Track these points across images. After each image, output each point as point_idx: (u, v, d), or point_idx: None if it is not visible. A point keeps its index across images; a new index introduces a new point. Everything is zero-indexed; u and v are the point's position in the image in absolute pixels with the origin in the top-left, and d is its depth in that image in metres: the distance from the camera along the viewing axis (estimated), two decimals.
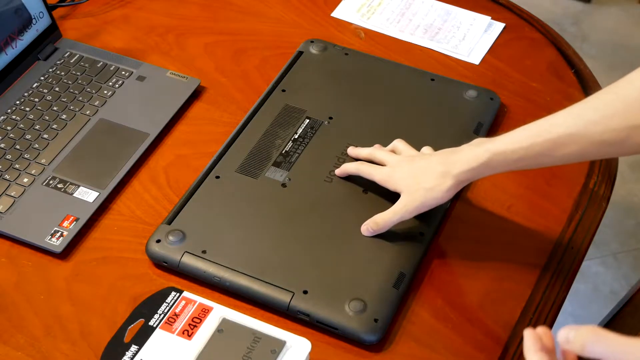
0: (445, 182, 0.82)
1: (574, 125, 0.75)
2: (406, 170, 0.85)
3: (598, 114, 0.74)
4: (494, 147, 0.80)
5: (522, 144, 0.78)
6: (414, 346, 0.80)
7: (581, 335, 0.55)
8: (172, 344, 0.74)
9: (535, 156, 0.78)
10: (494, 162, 0.80)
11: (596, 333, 0.55)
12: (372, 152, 0.91)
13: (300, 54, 1.07)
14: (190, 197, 0.90)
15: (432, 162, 0.84)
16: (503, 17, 1.16)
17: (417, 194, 0.83)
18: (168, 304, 0.77)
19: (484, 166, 0.80)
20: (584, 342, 0.55)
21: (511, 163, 0.79)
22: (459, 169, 0.81)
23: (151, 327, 0.75)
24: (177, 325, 0.75)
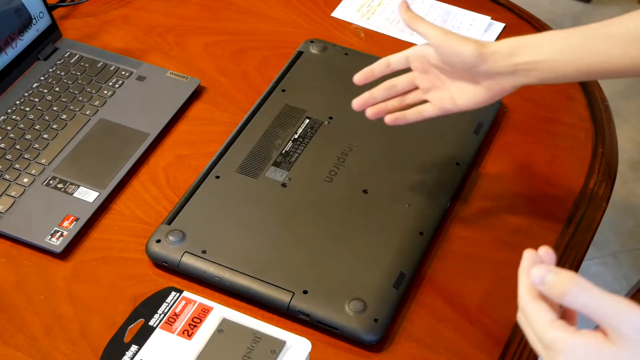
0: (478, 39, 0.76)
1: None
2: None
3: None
4: (547, 32, 0.74)
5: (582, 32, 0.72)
6: (414, 346, 0.80)
7: (562, 281, 0.51)
8: (172, 344, 0.74)
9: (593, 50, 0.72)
10: (546, 42, 0.73)
11: (579, 284, 0.51)
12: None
13: (300, 54, 1.07)
14: (190, 197, 0.90)
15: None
16: (503, 17, 1.16)
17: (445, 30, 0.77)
18: (168, 304, 0.77)
19: (530, 43, 0.74)
20: (565, 291, 0.51)
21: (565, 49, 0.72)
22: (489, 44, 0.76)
23: (151, 327, 0.75)
24: (177, 325, 0.75)
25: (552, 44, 0.73)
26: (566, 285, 0.51)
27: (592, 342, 0.51)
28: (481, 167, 0.96)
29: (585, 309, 0.51)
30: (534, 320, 0.53)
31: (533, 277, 0.53)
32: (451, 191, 0.91)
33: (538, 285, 0.53)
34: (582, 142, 1.00)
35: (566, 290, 0.51)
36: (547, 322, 0.52)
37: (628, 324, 0.49)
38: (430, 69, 0.81)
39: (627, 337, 0.49)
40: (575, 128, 1.01)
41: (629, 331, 0.49)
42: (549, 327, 0.52)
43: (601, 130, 1.01)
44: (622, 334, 0.50)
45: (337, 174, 0.92)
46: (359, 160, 0.94)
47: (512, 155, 0.98)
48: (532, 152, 0.98)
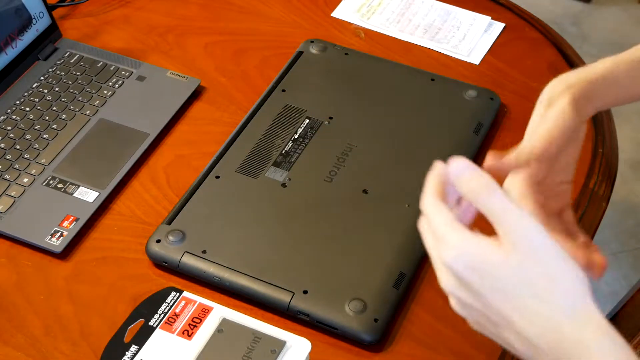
0: (561, 100, 0.68)
1: None
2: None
3: None
4: (609, 58, 0.69)
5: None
6: (414, 346, 0.80)
7: (480, 181, 0.51)
8: (172, 344, 0.74)
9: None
10: (616, 72, 0.69)
11: (492, 188, 0.51)
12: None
13: (300, 54, 1.07)
14: (190, 197, 0.90)
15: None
16: (503, 17, 1.16)
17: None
18: (168, 304, 0.77)
19: (604, 78, 0.68)
20: (478, 191, 0.51)
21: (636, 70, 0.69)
22: (570, 79, 0.68)
23: (151, 327, 0.75)
24: (177, 325, 0.75)
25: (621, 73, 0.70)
26: (481, 186, 0.51)
27: (484, 246, 0.50)
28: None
29: (488, 213, 0.51)
30: (433, 217, 0.53)
31: (454, 167, 0.52)
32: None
33: (454, 176, 0.52)
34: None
35: (479, 191, 0.51)
36: (446, 220, 0.52)
37: (523, 234, 0.49)
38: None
39: (518, 246, 0.49)
40: None
41: (521, 241, 0.49)
42: (446, 224, 0.52)
43: (601, 130, 1.01)
44: (514, 243, 0.50)
45: (337, 174, 0.92)
46: (359, 160, 0.94)
47: None
48: None
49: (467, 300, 0.53)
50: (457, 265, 0.51)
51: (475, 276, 0.51)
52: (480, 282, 0.51)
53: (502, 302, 0.51)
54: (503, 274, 0.50)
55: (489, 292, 0.51)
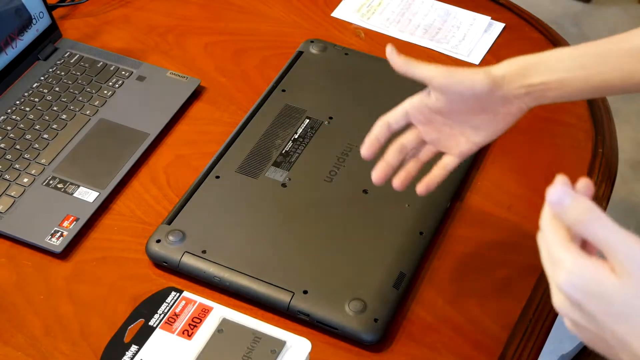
0: (485, 68, 0.74)
1: None
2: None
3: None
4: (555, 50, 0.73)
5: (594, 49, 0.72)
6: (414, 346, 0.80)
7: (579, 208, 0.50)
8: (172, 344, 0.74)
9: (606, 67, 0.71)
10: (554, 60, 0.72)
11: (596, 213, 0.50)
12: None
13: (300, 54, 1.07)
14: (190, 197, 0.90)
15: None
16: (503, 17, 1.16)
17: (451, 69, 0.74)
18: (168, 304, 0.77)
19: (539, 62, 0.72)
20: (581, 219, 0.50)
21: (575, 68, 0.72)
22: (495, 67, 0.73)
23: (151, 327, 0.75)
24: (177, 325, 0.75)
25: (562, 62, 0.72)
26: (582, 213, 0.50)
27: (598, 270, 0.50)
28: (481, 167, 0.96)
29: (596, 240, 0.50)
30: (548, 237, 0.53)
31: (551, 196, 0.51)
32: (451, 191, 0.91)
33: (554, 204, 0.52)
34: (582, 142, 1.00)
35: (581, 218, 0.50)
36: (559, 240, 0.52)
37: (635, 260, 0.49)
38: (433, 118, 0.76)
39: (631, 273, 0.49)
40: (575, 128, 1.01)
41: (634, 267, 0.49)
42: (559, 245, 0.52)
43: (601, 130, 1.01)
44: (627, 269, 0.49)
45: (337, 174, 0.92)
46: (359, 160, 0.93)
47: (512, 155, 0.98)
48: (532, 152, 0.98)
49: (581, 322, 0.52)
50: (571, 289, 0.51)
51: (590, 300, 0.50)
52: (594, 306, 0.50)
53: (619, 326, 0.50)
54: (619, 299, 0.49)
55: (604, 316, 0.50)
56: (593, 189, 0.55)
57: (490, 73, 0.73)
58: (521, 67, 0.73)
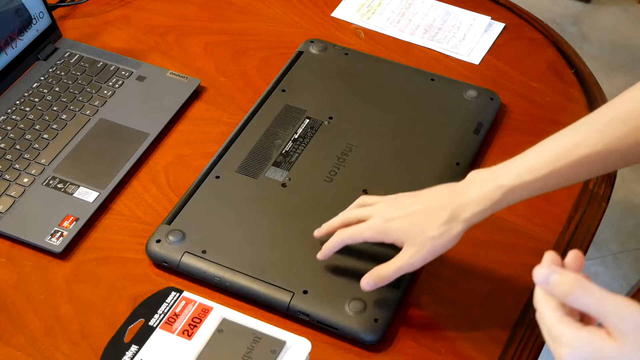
0: (455, 228, 0.74)
1: (601, 144, 0.69)
2: (402, 219, 0.76)
3: (627, 127, 0.69)
4: (507, 182, 0.72)
5: (541, 172, 0.71)
6: (414, 346, 0.80)
7: (565, 283, 0.54)
8: (172, 344, 0.74)
9: (557, 182, 0.72)
10: (510, 197, 0.73)
11: (582, 285, 0.53)
12: (344, 216, 0.81)
13: (300, 54, 1.07)
14: (190, 197, 0.90)
15: (432, 207, 0.75)
16: (503, 17, 1.16)
17: (423, 244, 0.75)
18: (168, 304, 0.77)
19: (498, 204, 0.73)
20: (568, 292, 0.53)
21: (530, 194, 0.73)
22: (469, 212, 0.74)
23: (151, 327, 0.75)
24: (177, 325, 0.75)
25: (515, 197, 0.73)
26: (569, 287, 0.54)
27: (596, 338, 0.52)
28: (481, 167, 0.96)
29: (588, 309, 0.53)
30: (544, 315, 0.56)
31: (537, 275, 0.55)
32: None
33: (542, 284, 0.55)
34: None
35: (569, 291, 0.53)
36: (556, 318, 0.55)
37: (628, 322, 0.51)
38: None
39: (628, 334, 0.51)
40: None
41: (629, 328, 0.51)
42: (557, 322, 0.54)
43: None
44: (622, 331, 0.52)
45: (337, 174, 0.92)
46: (359, 160, 0.94)
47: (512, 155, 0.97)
48: None
49: None
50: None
51: None
52: None
53: None
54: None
55: None
56: (583, 258, 0.57)
57: (456, 240, 0.75)
58: (480, 218, 0.74)
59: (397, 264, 0.76)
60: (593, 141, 0.70)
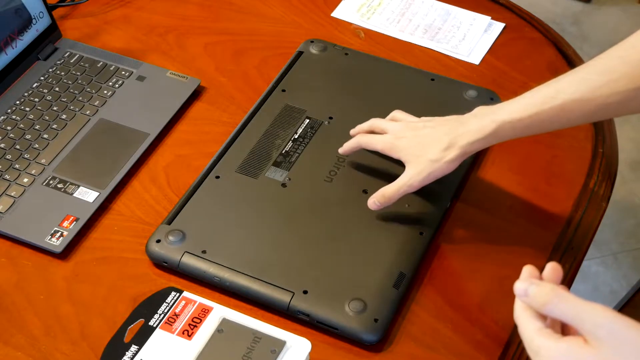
0: (451, 153, 0.82)
1: (580, 91, 0.76)
2: (410, 139, 0.85)
3: (604, 78, 0.75)
4: (500, 117, 0.80)
5: (528, 112, 0.78)
6: (414, 346, 0.80)
7: (543, 293, 0.56)
8: (172, 344, 0.74)
9: (541, 123, 0.78)
10: (501, 131, 0.80)
11: (558, 294, 0.55)
12: (372, 122, 0.91)
13: (300, 54, 1.07)
14: (190, 197, 0.90)
15: (438, 132, 0.84)
16: (503, 17, 1.16)
17: (423, 166, 0.83)
18: (168, 304, 0.77)
19: (491, 136, 0.81)
20: (546, 302, 0.55)
21: (518, 131, 0.80)
22: (466, 140, 0.82)
23: (151, 327, 0.75)
24: (177, 325, 0.75)
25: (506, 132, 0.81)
26: (546, 296, 0.55)
27: (574, 347, 0.54)
28: (481, 167, 0.96)
29: (565, 317, 0.55)
30: (523, 329, 0.57)
31: (517, 289, 0.58)
32: (451, 191, 0.91)
33: (522, 297, 0.57)
34: (582, 142, 1.00)
35: (546, 301, 0.55)
36: (534, 331, 0.56)
37: (603, 328, 0.53)
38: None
39: (603, 340, 0.53)
40: (575, 128, 1.01)
41: (604, 334, 0.53)
42: (535, 335, 0.56)
43: (601, 130, 1.01)
44: (598, 337, 0.53)
45: (337, 174, 0.92)
46: (359, 160, 0.94)
47: (512, 155, 0.98)
48: (532, 152, 0.98)
49: None
50: None
51: None
52: None
53: None
54: None
55: None
56: (561, 270, 0.59)
57: (454, 164, 0.83)
58: (477, 147, 0.83)
59: (398, 184, 0.85)
60: (572, 89, 0.76)
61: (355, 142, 0.90)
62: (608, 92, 0.75)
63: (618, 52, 0.76)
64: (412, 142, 0.85)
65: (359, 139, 0.90)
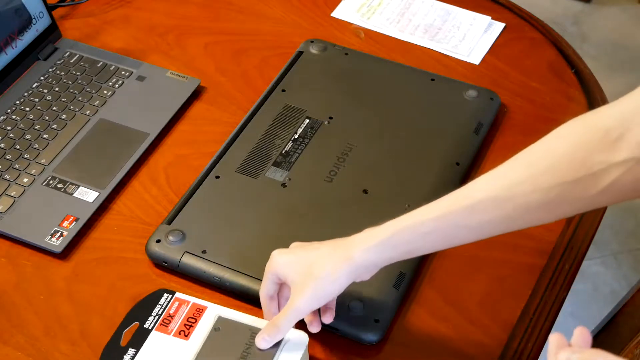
0: (338, 267, 0.70)
1: (497, 188, 0.66)
2: (297, 260, 0.73)
3: (525, 173, 0.65)
4: (398, 222, 0.69)
5: (433, 214, 0.68)
6: (414, 346, 0.80)
7: (587, 357, 0.52)
8: (169, 345, 0.74)
9: (447, 227, 0.68)
10: (396, 238, 0.69)
11: (603, 356, 0.51)
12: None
13: (300, 54, 1.07)
14: (190, 197, 0.90)
15: (323, 249, 0.73)
16: (503, 17, 1.16)
17: (306, 286, 0.71)
18: (161, 306, 0.77)
19: (384, 245, 0.69)
20: None
21: (418, 238, 0.69)
22: (354, 250, 0.70)
23: (146, 329, 0.75)
24: (173, 326, 0.75)
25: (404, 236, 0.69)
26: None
27: None
28: (481, 167, 0.96)
29: None
30: None
31: (560, 358, 0.53)
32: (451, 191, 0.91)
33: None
34: None
35: None
36: None
37: None
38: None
39: None
40: None
41: None
42: None
43: None
44: None
45: (337, 174, 0.92)
46: (359, 160, 0.94)
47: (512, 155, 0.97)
48: None
49: None
50: None
51: None
52: None
53: None
54: None
55: None
56: (589, 335, 0.56)
57: (346, 279, 0.71)
58: (370, 258, 0.71)
59: (284, 311, 0.73)
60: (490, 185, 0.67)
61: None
62: (529, 188, 0.64)
63: (542, 145, 0.66)
64: (298, 263, 0.73)
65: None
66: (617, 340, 1.03)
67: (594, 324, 1.17)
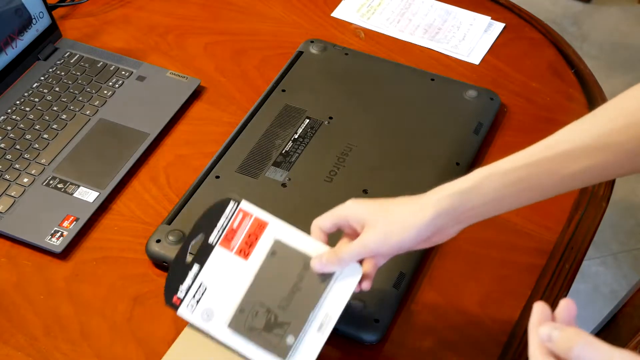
0: (415, 215, 0.68)
1: (593, 136, 0.65)
2: (374, 202, 0.72)
3: (620, 122, 0.64)
4: (484, 169, 0.68)
5: (526, 160, 0.67)
6: (414, 346, 0.80)
7: (568, 337, 0.53)
8: (230, 264, 0.74)
9: (539, 175, 0.67)
10: (486, 184, 0.67)
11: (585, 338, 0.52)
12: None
13: (300, 54, 1.07)
14: (190, 197, 0.90)
15: (402, 199, 0.71)
16: (503, 17, 1.16)
17: (379, 226, 0.70)
18: (227, 217, 0.76)
19: (469, 192, 0.67)
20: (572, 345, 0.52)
21: (508, 185, 0.67)
22: (440, 193, 0.68)
23: (210, 245, 0.75)
24: (235, 243, 0.75)
25: (493, 183, 0.68)
26: (571, 341, 0.53)
27: None
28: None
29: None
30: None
31: (541, 335, 0.54)
32: None
33: (546, 342, 0.54)
34: None
35: (572, 346, 0.52)
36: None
37: None
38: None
39: None
40: None
41: None
42: None
43: None
44: None
45: (337, 174, 0.92)
46: (359, 160, 0.94)
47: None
48: None
49: None
50: None
51: None
52: None
53: None
54: None
55: None
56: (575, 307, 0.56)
57: (424, 222, 0.68)
58: (453, 201, 0.68)
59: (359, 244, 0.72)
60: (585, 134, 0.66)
61: None
62: (626, 138, 0.63)
63: (635, 92, 0.66)
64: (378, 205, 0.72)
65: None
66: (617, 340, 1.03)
67: (594, 324, 1.17)
